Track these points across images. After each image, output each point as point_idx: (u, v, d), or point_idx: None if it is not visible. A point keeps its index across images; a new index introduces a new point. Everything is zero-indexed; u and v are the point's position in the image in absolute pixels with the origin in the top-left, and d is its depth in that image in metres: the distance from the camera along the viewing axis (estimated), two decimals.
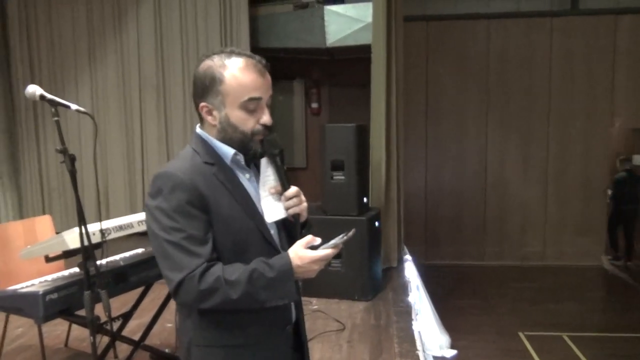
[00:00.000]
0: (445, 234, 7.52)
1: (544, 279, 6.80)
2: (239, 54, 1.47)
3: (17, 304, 2.52)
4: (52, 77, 7.12)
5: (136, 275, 2.85)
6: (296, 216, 1.50)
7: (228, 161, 1.47)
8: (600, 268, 7.32)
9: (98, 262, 2.28)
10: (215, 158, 1.46)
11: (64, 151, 2.17)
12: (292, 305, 1.57)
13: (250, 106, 1.45)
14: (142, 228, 2.83)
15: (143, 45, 7.01)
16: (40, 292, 2.41)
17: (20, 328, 3.79)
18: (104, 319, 2.35)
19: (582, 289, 6.45)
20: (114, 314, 2.65)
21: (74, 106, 2.22)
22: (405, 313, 3.97)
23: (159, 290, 3.30)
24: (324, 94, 8.05)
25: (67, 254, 2.58)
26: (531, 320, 5.27)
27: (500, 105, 7.45)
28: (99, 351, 2.55)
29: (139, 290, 3.09)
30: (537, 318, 5.35)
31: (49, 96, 2.19)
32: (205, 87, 1.44)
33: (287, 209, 1.49)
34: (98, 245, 2.40)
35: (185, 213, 1.36)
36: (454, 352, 4.39)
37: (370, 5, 5.64)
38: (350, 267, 4.27)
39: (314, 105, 8.03)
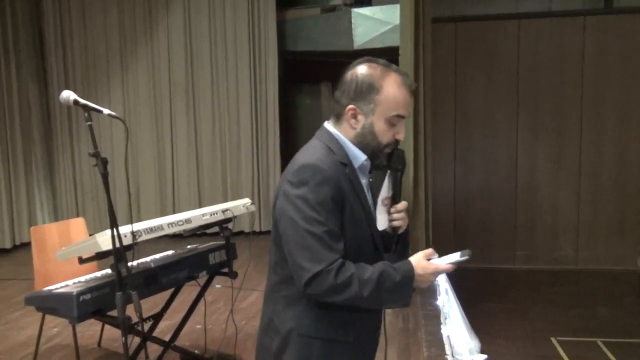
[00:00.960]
0: (474, 236, 7.41)
1: (577, 283, 6.65)
2: (396, 71, 1.53)
3: (52, 304, 2.60)
4: (86, 83, 7.30)
5: (166, 277, 2.89)
6: (396, 229, 1.59)
7: (357, 165, 1.53)
8: (635, 272, 7.11)
9: (129, 264, 2.33)
10: (347, 160, 1.51)
11: (96, 155, 2.22)
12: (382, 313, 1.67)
13: (395, 121, 1.51)
14: (172, 230, 2.87)
15: (173, 50, 7.14)
16: (74, 293, 2.47)
17: (56, 328, 3.89)
18: (135, 319, 2.39)
19: (617, 294, 6.28)
20: (145, 314, 2.70)
21: (106, 110, 2.27)
22: (434, 317, 3.93)
23: (189, 292, 3.36)
24: None
25: (100, 256, 2.64)
26: (564, 326, 5.15)
27: (531, 106, 7.32)
28: (131, 351, 2.60)
29: (170, 291, 3.14)
30: (570, 323, 5.23)
31: (82, 101, 2.24)
32: (360, 91, 1.50)
33: (391, 221, 1.59)
34: (129, 247, 2.45)
35: (328, 208, 1.42)
36: (484, 356, 4.33)
37: (397, 7, 5.62)
38: None
39: None
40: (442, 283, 4.11)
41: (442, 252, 1.56)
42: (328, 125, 1.57)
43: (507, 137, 7.41)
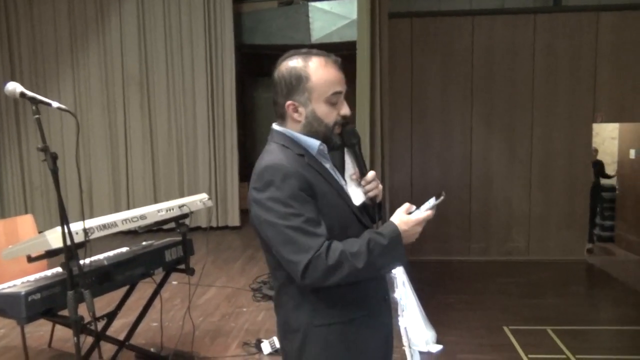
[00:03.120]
0: (430, 229, 7.47)
1: (528, 274, 6.87)
2: (317, 54, 1.57)
3: None
4: (34, 75, 7.03)
5: (121, 274, 2.82)
6: (374, 198, 1.63)
7: (314, 152, 1.57)
8: (583, 262, 7.41)
9: (81, 262, 2.25)
10: (302, 150, 1.55)
11: (45, 149, 2.13)
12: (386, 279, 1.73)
13: (334, 100, 1.55)
14: (127, 227, 2.80)
15: (126, 41, 6.95)
16: (23, 293, 2.37)
17: (3, 329, 3.75)
18: (88, 319, 2.32)
19: (566, 283, 6.53)
20: (99, 313, 2.63)
21: (55, 104, 2.18)
22: (391, 309, 3.98)
23: (144, 290, 3.28)
24: None
25: (50, 254, 2.54)
26: (516, 315, 5.32)
27: (484, 101, 7.50)
28: (84, 351, 2.52)
29: (124, 289, 3.07)
30: (522, 312, 5.40)
31: (30, 93, 2.14)
32: (291, 87, 1.54)
33: (366, 192, 1.62)
34: (81, 245, 2.37)
35: (299, 199, 1.46)
36: (440, 347, 4.42)
37: (355, 2, 5.65)
38: None
39: None
40: (399, 275, 4.17)
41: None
42: (276, 126, 1.61)
43: (462, 132, 7.58)
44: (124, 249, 3.13)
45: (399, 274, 4.17)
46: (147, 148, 7.03)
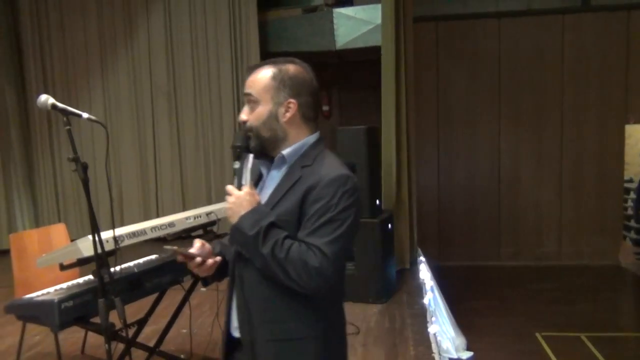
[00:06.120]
0: (459, 234, 7.46)
1: (560, 278, 6.72)
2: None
3: (34, 312, 2.55)
4: (65, 86, 7.20)
5: (150, 282, 2.86)
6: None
7: None
8: (616, 266, 7.22)
9: (112, 270, 2.29)
10: None
11: (76, 160, 2.18)
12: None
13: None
14: (156, 234, 2.84)
15: (154, 52, 7.07)
16: (56, 300, 2.43)
17: (37, 336, 3.82)
18: (119, 325, 2.36)
19: (599, 288, 6.36)
20: (129, 320, 2.66)
21: (85, 115, 2.22)
22: (420, 315, 3.94)
23: (173, 297, 3.32)
24: (334, 97, 8.05)
25: (82, 262, 2.59)
26: (548, 321, 5.21)
27: (512, 104, 7.40)
28: (115, 358, 2.56)
29: (154, 296, 3.10)
30: (554, 318, 5.29)
31: (61, 105, 2.19)
32: None
33: None
34: (112, 253, 2.41)
35: None
36: (470, 354, 4.36)
37: (379, 7, 5.64)
38: (364, 269, 4.25)
39: (324, 108, 8.03)
40: (428, 281, 4.13)
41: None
42: None
43: (490, 135, 7.48)
44: (153, 257, 3.17)
45: (427, 279, 4.13)
46: (175, 156, 7.12)
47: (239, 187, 1.55)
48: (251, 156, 1.62)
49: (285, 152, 1.57)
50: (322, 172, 1.50)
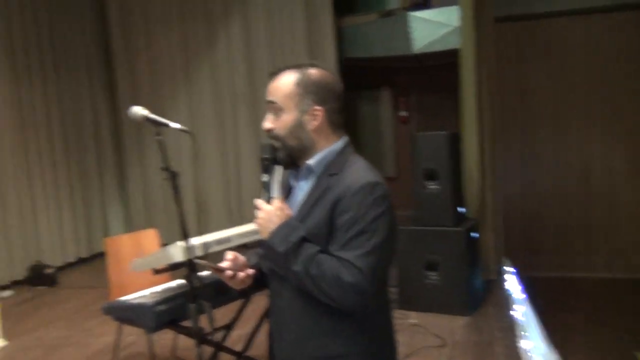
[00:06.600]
0: (548, 243, 7.08)
1: None
2: None
3: (129, 314, 2.67)
4: (152, 96, 7.53)
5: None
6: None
7: None
8: None
9: (201, 275, 2.35)
10: None
11: (167, 169, 2.26)
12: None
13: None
14: (242, 241, 2.90)
15: (233, 61, 7.27)
16: (151, 304, 2.53)
17: (132, 336, 4.00)
18: (207, 329, 2.41)
19: None
20: (216, 325, 2.72)
21: (173, 125, 2.31)
22: (509, 329, 3.77)
23: (258, 302, 3.36)
24: (411, 102, 7.93)
25: (173, 267, 2.69)
26: None
27: (604, 106, 6.95)
28: None
29: (240, 301, 3.16)
30: None
31: (152, 116, 2.27)
32: None
33: None
34: (201, 259, 2.48)
35: None
36: None
37: (457, 8, 5.51)
38: (449, 280, 4.14)
39: (402, 113, 7.94)
40: (516, 293, 3.94)
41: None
42: None
43: (578, 139, 7.06)
44: None
45: (515, 291, 3.94)
46: (255, 163, 7.27)
47: (268, 200, 1.48)
48: (280, 168, 1.55)
49: (312, 161, 1.50)
50: (349, 181, 1.43)
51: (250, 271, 1.61)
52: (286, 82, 1.51)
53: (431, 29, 6.71)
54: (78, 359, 3.94)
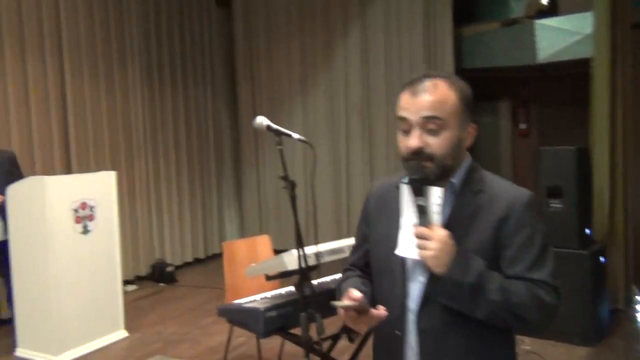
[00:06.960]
0: None
1: None
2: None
3: (241, 318, 2.76)
4: (270, 108, 7.83)
5: None
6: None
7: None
8: None
9: (313, 284, 2.37)
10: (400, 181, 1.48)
11: (286, 178, 2.31)
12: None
13: (401, 126, 1.40)
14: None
15: (350, 71, 7.33)
16: (262, 309, 2.59)
17: (242, 337, 4.15)
18: (314, 338, 2.42)
19: None
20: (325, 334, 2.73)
21: (295, 135, 2.36)
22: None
23: None
24: (532, 114, 7.51)
25: (285, 275, 2.74)
26: None
27: None
28: None
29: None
30: None
31: (275, 126, 2.34)
32: None
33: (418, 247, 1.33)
34: (313, 268, 2.50)
35: (359, 220, 1.67)
36: None
37: (587, 15, 5.13)
38: (570, 306, 3.81)
39: (522, 126, 7.54)
40: None
41: None
42: None
43: None
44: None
45: None
46: (367, 174, 7.27)
47: (427, 227, 1.31)
48: (438, 190, 1.33)
49: (455, 179, 1.41)
50: (509, 197, 1.37)
51: (383, 312, 1.40)
52: (449, 96, 1.36)
53: (559, 38, 6.31)
54: (192, 355, 4.15)
